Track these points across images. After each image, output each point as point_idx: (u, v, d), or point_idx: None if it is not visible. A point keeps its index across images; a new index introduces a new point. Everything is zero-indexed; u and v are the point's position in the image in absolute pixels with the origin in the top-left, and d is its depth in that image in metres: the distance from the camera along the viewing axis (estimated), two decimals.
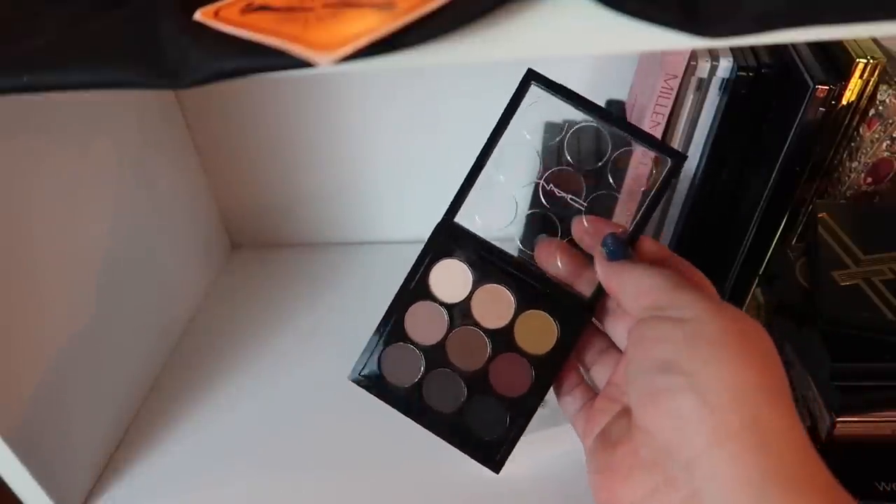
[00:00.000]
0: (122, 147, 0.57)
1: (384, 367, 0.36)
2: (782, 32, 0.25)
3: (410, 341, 0.37)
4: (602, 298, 0.35)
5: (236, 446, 0.56)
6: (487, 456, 0.35)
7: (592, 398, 0.34)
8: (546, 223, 0.39)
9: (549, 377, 0.35)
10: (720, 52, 0.55)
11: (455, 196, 0.37)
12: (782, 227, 0.57)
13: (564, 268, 0.35)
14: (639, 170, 0.57)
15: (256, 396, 0.60)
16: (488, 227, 0.38)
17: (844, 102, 0.50)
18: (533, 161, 0.48)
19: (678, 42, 0.26)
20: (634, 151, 0.56)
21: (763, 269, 0.59)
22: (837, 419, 0.46)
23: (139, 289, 0.59)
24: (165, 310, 0.65)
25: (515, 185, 0.37)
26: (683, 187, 0.63)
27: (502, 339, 0.36)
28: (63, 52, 0.28)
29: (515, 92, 0.35)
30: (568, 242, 0.36)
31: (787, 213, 0.56)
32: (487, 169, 0.36)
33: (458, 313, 0.37)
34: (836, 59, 0.52)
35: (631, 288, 0.30)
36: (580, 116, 0.35)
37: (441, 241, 0.37)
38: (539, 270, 0.36)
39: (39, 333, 0.47)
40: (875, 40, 0.52)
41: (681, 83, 0.56)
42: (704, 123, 0.58)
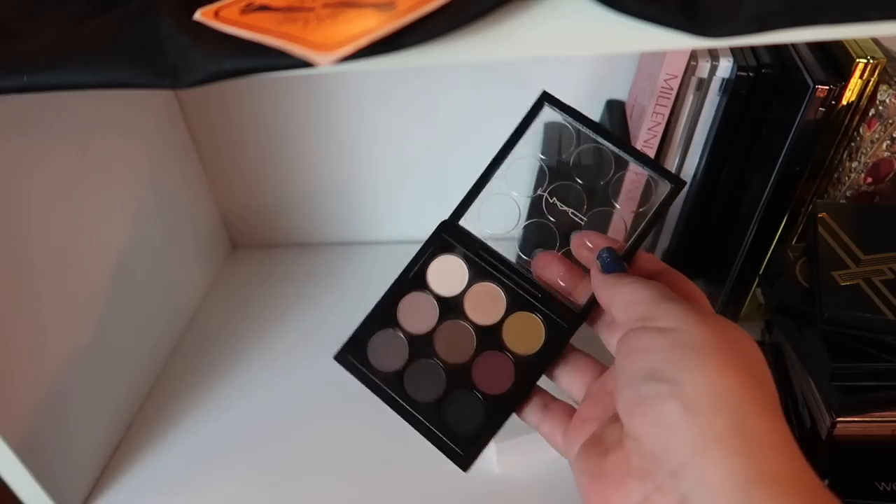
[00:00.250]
0: (123, 147, 0.57)
1: (370, 351, 0.37)
2: (782, 32, 0.25)
3: (400, 328, 0.37)
4: (594, 309, 0.35)
5: (236, 446, 0.56)
6: (458, 452, 0.35)
7: (566, 408, 0.35)
8: (546, 233, 0.40)
9: (531, 380, 0.35)
10: (720, 52, 0.55)
11: (461, 201, 0.38)
12: (782, 227, 0.57)
13: (560, 278, 0.36)
14: (638, 190, 0.59)
15: (256, 396, 0.60)
16: (490, 232, 0.39)
17: (844, 102, 0.50)
18: (538, 173, 0.49)
19: (678, 42, 0.26)
20: (636, 173, 0.56)
21: (763, 269, 0.59)
22: (837, 419, 0.46)
23: (139, 289, 0.59)
24: (165, 310, 0.65)
25: (520, 195, 0.39)
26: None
27: (490, 336, 0.37)
28: (63, 52, 0.28)
29: (528, 112, 0.37)
30: (564, 254, 0.37)
31: (787, 213, 0.56)
32: (495, 178, 0.38)
33: (450, 307, 0.37)
34: (836, 59, 0.52)
35: (620, 300, 0.31)
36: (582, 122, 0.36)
37: (443, 238, 0.38)
38: (534, 278, 0.37)
39: (40, 334, 0.47)
40: (875, 40, 0.52)
41: (681, 83, 0.56)
42: (704, 123, 0.58)
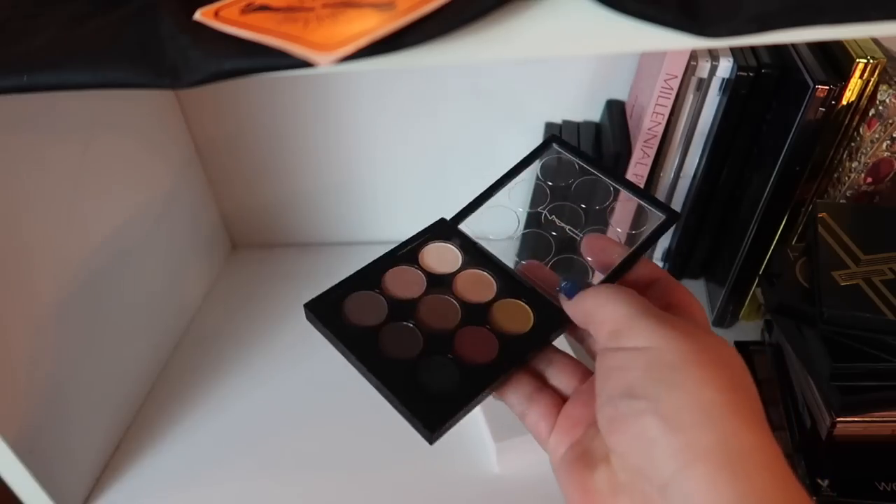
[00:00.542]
0: (123, 147, 0.57)
1: (347, 306, 0.35)
2: (782, 32, 0.25)
3: (383, 293, 0.36)
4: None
5: (236, 446, 0.56)
6: (427, 420, 0.30)
7: (552, 401, 0.33)
8: (542, 242, 0.40)
9: (514, 360, 0.33)
10: (720, 52, 0.55)
11: (463, 208, 0.38)
12: (782, 227, 0.57)
13: (546, 286, 0.36)
14: (632, 217, 0.61)
15: (256, 396, 0.60)
16: (488, 237, 0.39)
17: (844, 102, 0.50)
18: (537, 192, 0.51)
19: (678, 42, 0.26)
20: (632, 202, 0.58)
21: (763, 269, 0.59)
22: (837, 419, 0.46)
23: (139, 289, 0.59)
24: (165, 309, 0.65)
25: (521, 210, 0.40)
26: (684, 186, 0.63)
27: (477, 313, 0.35)
28: (63, 52, 0.28)
29: (536, 148, 0.38)
30: (555, 264, 0.38)
31: (787, 213, 0.56)
32: (498, 195, 0.39)
33: (440, 282, 0.36)
34: (836, 59, 0.52)
35: (595, 318, 0.30)
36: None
37: (441, 229, 0.38)
38: (527, 280, 0.37)
39: (39, 334, 0.47)
40: (875, 40, 0.52)
41: (681, 83, 0.56)
42: (704, 123, 0.58)
